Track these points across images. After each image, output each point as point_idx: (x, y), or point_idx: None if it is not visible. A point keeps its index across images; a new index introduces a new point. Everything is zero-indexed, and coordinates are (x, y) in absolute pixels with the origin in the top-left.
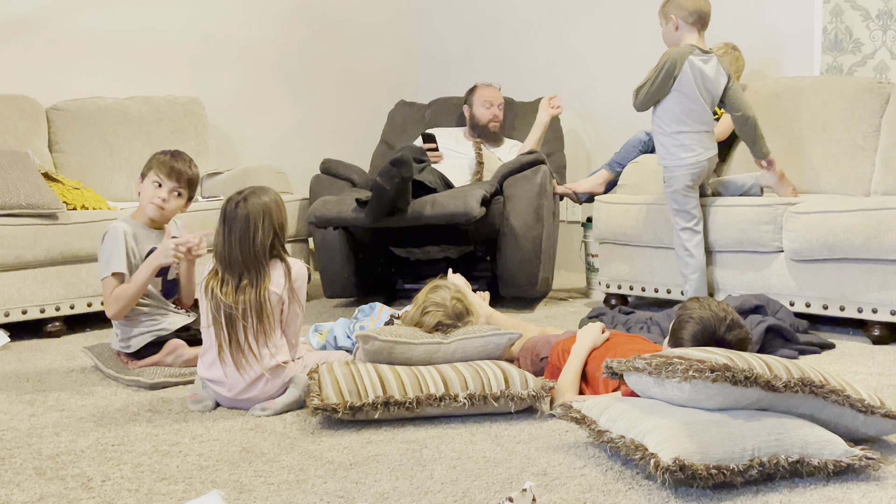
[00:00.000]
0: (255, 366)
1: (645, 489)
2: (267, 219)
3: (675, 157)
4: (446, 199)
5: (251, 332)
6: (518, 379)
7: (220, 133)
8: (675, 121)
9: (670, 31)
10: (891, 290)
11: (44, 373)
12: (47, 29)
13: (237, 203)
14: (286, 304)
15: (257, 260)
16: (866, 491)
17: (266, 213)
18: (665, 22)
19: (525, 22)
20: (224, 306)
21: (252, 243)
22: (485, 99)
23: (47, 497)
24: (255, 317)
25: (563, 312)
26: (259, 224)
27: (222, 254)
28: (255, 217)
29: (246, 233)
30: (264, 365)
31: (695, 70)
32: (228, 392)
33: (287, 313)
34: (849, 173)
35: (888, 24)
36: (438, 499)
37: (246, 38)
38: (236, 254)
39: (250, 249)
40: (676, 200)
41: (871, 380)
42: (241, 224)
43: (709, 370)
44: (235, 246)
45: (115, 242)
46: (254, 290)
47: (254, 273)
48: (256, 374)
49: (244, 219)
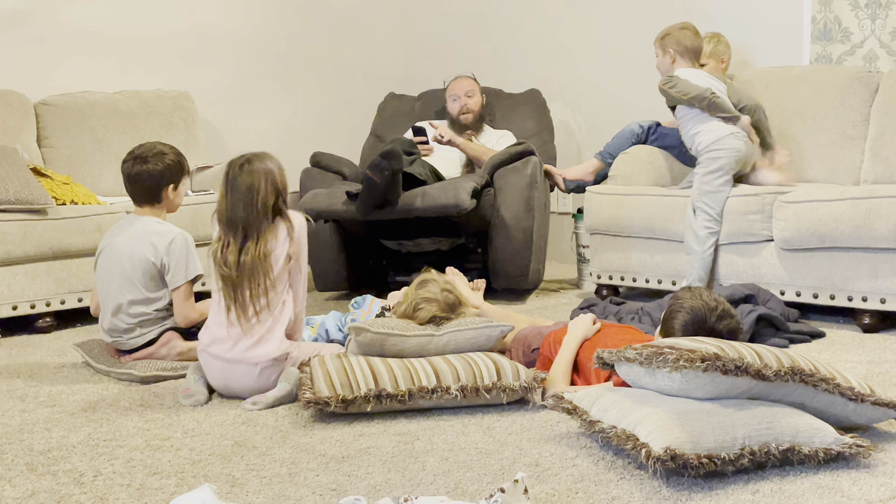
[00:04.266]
0: (258, 326)
1: (636, 479)
2: (269, 180)
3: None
4: (437, 191)
5: (257, 290)
6: (510, 370)
7: (209, 127)
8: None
9: (666, 62)
10: (881, 279)
11: (34, 368)
12: (35, 23)
13: (240, 166)
14: (293, 260)
15: (259, 220)
16: (856, 478)
17: (268, 175)
18: (662, 54)
19: (515, 13)
20: (229, 267)
21: (255, 204)
22: (451, 93)
23: (39, 493)
24: (262, 274)
25: (554, 303)
26: (262, 186)
27: (226, 216)
28: (257, 179)
29: (248, 194)
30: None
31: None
32: (228, 351)
33: (293, 270)
34: (838, 162)
35: (877, 13)
36: (431, 490)
37: (235, 32)
38: (240, 215)
39: (253, 210)
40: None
41: (862, 368)
42: (243, 186)
43: (699, 360)
44: (238, 208)
45: (191, 248)
46: (257, 249)
47: (256, 233)
48: (259, 334)
49: (247, 181)
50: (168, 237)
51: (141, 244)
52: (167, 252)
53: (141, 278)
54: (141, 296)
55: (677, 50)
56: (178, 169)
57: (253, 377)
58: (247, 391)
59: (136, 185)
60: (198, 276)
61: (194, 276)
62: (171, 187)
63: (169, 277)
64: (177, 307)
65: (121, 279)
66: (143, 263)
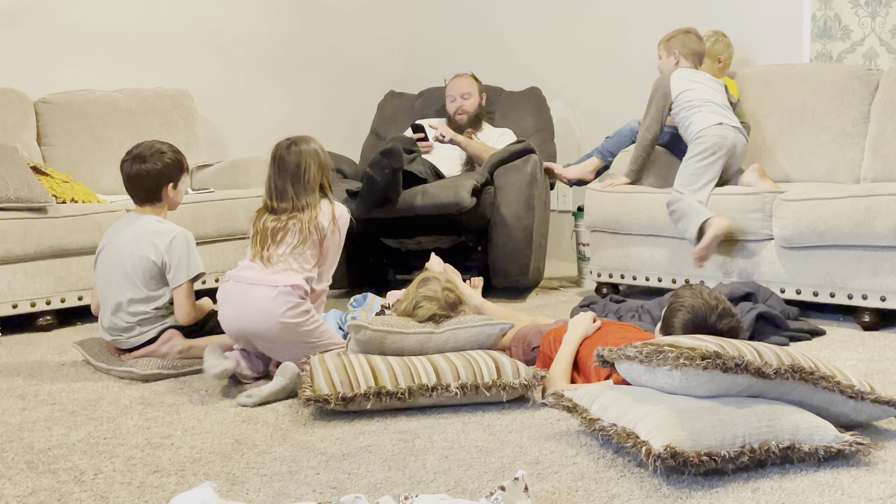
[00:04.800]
0: (281, 265)
1: (637, 476)
2: (315, 160)
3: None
4: (437, 189)
5: (290, 245)
6: (510, 368)
7: (209, 125)
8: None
9: (670, 63)
10: (880, 277)
11: (35, 367)
12: (35, 21)
13: (288, 146)
14: (328, 239)
15: (307, 193)
16: (857, 476)
17: (314, 155)
18: (667, 55)
19: (515, 11)
20: (269, 228)
21: (304, 179)
22: (448, 93)
23: (39, 491)
24: (299, 235)
25: (554, 302)
26: (310, 164)
27: (273, 191)
28: (305, 158)
29: (297, 170)
30: (282, 263)
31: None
32: (254, 274)
33: (328, 247)
34: (838, 160)
35: (877, 11)
36: (431, 488)
37: (235, 29)
38: (289, 189)
39: (302, 184)
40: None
41: (862, 366)
42: (292, 164)
43: (699, 358)
44: (287, 183)
45: (192, 246)
46: (304, 215)
47: (305, 202)
48: (282, 269)
49: (295, 160)
50: (169, 236)
51: (142, 243)
52: (168, 251)
53: (141, 277)
54: (141, 294)
55: (682, 52)
56: (178, 167)
57: (268, 300)
58: (257, 321)
59: (136, 185)
60: (199, 275)
61: (195, 274)
62: (171, 186)
63: (170, 276)
64: (178, 305)
65: (121, 278)
66: (144, 262)
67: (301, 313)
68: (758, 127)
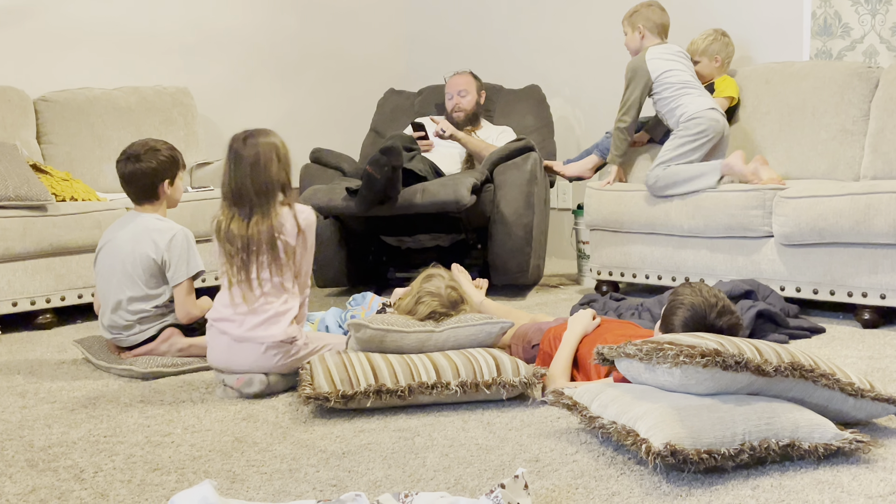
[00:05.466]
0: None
1: (637, 474)
2: (275, 153)
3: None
4: (437, 187)
5: (264, 265)
6: (510, 366)
7: (209, 123)
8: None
9: (636, 38)
10: (880, 274)
11: (35, 365)
12: (34, 19)
13: (244, 139)
14: (297, 250)
15: (268, 193)
16: (856, 474)
17: (274, 149)
18: (631, 30)
19: (515, 8)
20: (237, 238)
21: (261, 177)
22: (446, 90)
23: (39, 489)
24: (268, 249)
25: (554, 299)
26: (267, 158)
27: (231, 189)
28: (264, 151)
29: (256, 166)
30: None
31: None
32: (236, 329)
33: (299, 258)
34: (838, 158)
35: (877, 9)
36: (431, 486)
37: (234, 27)
38: (247, 186)
39: (261, 181)
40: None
41: (861, 363)
42: (250, 158)
43: (699, 355)
44: (246, 179)
45: (191, 244)
46: (265, 222)
47: (265, 206)
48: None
49: (252, 153)
50: (169, 234)
51: (142, 241)
52: (168, 248)
53: (142, 275)
54: (141, 292)
55: (646, 26)
56: (173, 164)
57: (257, 355)
58: (248, 369)
59: (133, 184)
60: (199, 273)
61: (195, 272)
62: (167, 183)
63: (170, 274)
64: (178, 303)
65: (121, 276)
66: (144, 260)
67: (292, 356)
68: (758, 124)
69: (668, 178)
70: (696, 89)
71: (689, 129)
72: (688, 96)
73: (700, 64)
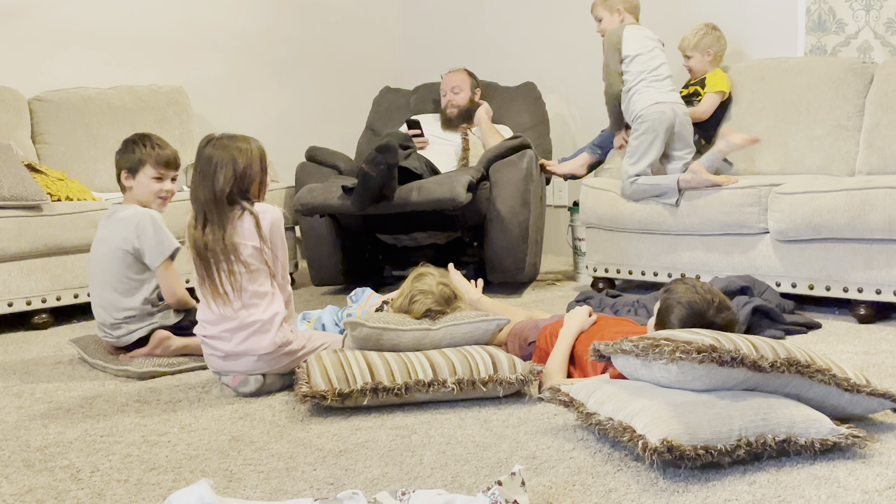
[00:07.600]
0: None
1: (633, 471)
2: (229, 164)
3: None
4: (433, 185)
5: (223, 273)
6: (506, 363)
7: (204, 122)
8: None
9: (615, 21)
10: (876, 270)
11: (31, 365)
12: (29, 19)
13: (207, 142)
14: (267, 253)
15: (217, 203)
16: (853, 469)
17: (229, 161)
18: (609, 14)
19: (510, 6)
20: (197, 244)
21: (212, 185)
22: (441, 88)
23: (36, 489)
24: (224, 258)
25: (550, 297)
26: (220, 167)
27: (193, 193)
28: (217, 160)
29: (206, 173)
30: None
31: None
32: (227, 345)
33: (270, 261)
34: (833, 154)
35: (871, 4)
36: (428, 484)
37: (229, 26)
38: (201, 193)
39: (211, 191)
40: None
41: (857, 359)
42: (203, 164)
43: (695, 351)
44: (199, 185)
45: (158, 225)
46: (220, 233)
47: (215, 216)
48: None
49: (207, 160)
50: (133, 220)
51: (112, 235)
52: (137, 235)
53: (119, 268)
54: (123, 286)
55: (626, 8)
56: (129, 155)
57: (251, 363)
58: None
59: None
60: (175, 251)
61: (171, 251)
62: (124, 174)
63: (147, 260)
64: (163, 286)
65: (102, 273)
66: (117, 253)
67: (289, 357)
68: (753, 120)
69: (637, 195)
70: (655, 81)
71: (637, 130)
72: (637, 93)
73: (692, 59)
